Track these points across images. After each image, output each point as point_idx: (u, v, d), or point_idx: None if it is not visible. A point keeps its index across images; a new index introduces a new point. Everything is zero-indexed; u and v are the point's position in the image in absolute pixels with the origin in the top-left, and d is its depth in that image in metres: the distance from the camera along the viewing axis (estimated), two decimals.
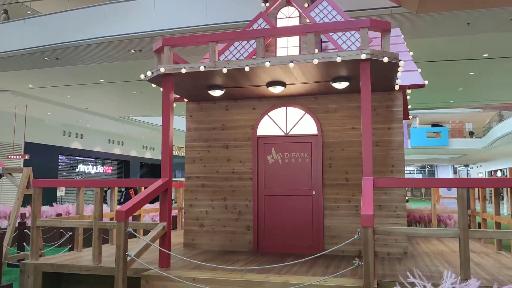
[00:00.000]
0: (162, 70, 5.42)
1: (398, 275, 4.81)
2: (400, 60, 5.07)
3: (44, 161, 21.31)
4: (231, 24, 10.60)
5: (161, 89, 5.83)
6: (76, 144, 24.55)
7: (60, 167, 24.30)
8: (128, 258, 4.58)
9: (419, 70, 6.55)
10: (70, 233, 7.79)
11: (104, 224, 5.68)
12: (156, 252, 5.54)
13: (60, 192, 22.88)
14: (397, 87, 6.18)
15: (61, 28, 12.49)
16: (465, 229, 4.45)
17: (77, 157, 25.75)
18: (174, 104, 5.98)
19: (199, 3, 10.96)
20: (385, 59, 4.88)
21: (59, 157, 23.99)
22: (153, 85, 6.09)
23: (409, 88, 6.39)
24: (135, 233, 4.79)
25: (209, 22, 10.88)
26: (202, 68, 5.29)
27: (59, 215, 10.90)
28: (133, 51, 12.41)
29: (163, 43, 5.55)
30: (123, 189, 17.84)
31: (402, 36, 7.53)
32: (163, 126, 5.57)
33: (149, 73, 5.67)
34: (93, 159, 27.11)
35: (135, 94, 17.37)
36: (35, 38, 12.68)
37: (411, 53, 6.98)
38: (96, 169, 27.52)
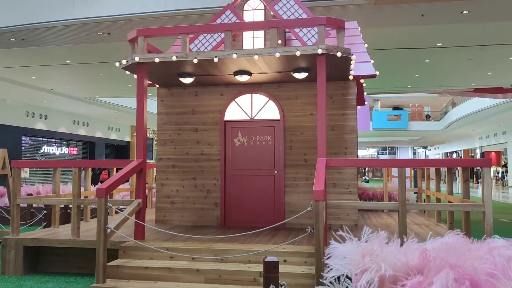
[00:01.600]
0: (137, 59, 5.85)
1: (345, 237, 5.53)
2: (352, 55, 5.71)
3: (7, 142, 21.02)
4: (200, 10, 10.90)
5: (135, 76, 6.26)
6: (40, 125, 24.26)
7: (23, 148, 24.01)
8: (108, 231, 5.09)
9: (372, 61, 7.22)
10: (45, 211, 8.16)
11: (82, 202, 6.13)
12: (131, 228, 6.06)
13: (24, 173, 22.71)
14: (351, 77, 6.85)
15: (28, 9, 12.40)
16: (403, 203, 5.21)
17: (41, 138, 25.46)
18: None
19: None
20: (339, 54, 5.52)
21: (23, 138, 23.70)
22: (127, 72, 6.48)
23: (362, 78, 7.08)
24: (117, 209, 5.28)
25: (178, 8, 11.14)
26: (174, 58, 5.77)
27: (29, 195, 11.12)
28: (101, 33, 12.52)
29: (138, 33, 5.96)
30: (97, 170, 18.16)
31: (359, 28, 8.17)
32: (137, 111, 6.03)
33: (123, 62, 6.08)
34: (57, 140, 26.85)
35: (102, 75, 17.41)
36: (0, 18, 12.57)
37: (366, 45, 7.65)
38: (61, 150, 27.31)
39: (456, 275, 2.84)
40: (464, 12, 9.94)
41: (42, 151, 25.71)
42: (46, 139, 25.89)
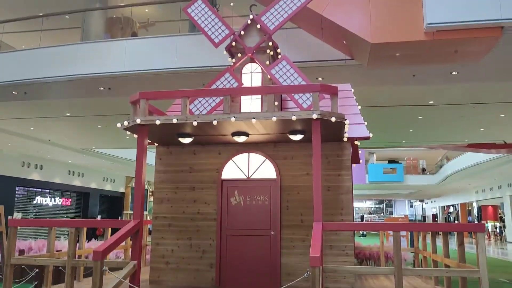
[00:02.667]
0: (138, 121, 6.01)
1: None
2: (346, 119, 5.90)
3: (0, 192, 20.94)
4: (198, 68, 11.28)
5: (135, 136, 6.40)
6: (35, 175, 24.18)
7: (16, 199, 23.81)
8: None
9: (365, 123, 7.42)
10: (37, 270, 8.01)
11: (77, 263, 6.06)
12: None
13: None
14: (345, 139, 7.01)
15: (32, 64, 12.75)
16: (399, 267, 5.19)
17: (34, 189, 25.29)
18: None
19: (169, 48, 11.57)
20: (333, 119, 5.70)
21: (16, 189, 23.55)
22: (128, 133, 6.62)
23: (356, 140, 7.25)
24: (110, 272, 5.23)
25: (178, 66, 11.51)
26: (174, 121, 5.94)
27: (21, 251, 10.94)
28: (102, 88, 12.84)
29: (140, 96, 6.17)
30: None
31: (352, 90, 8.45)
32: (136, 171, 6.11)
33: (125, 123, 6.24)
34: (51, 191, 26.64)
35: (100, 127, 17.63)
36: (5, 72, 12.88)
37: (359, 107, 7.89)
38: (54, 201, 27.03)
39: None
40: (453, 73, 10.34)
41: (35, 202, 25.43)
42: (39, 190, 25.70)
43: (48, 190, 26.29)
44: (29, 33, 15.32)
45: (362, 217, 51.62)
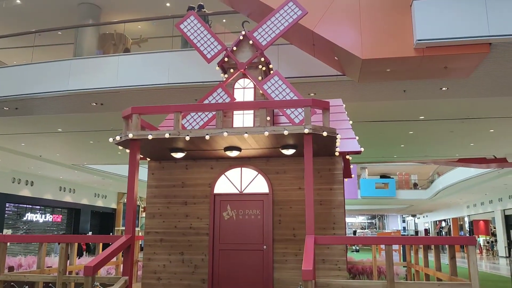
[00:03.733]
0: (131, 136, 6.03)
1: None
2: (337, 134, 5.96)
3: None
4: (191, 84, 11.33)
5: (127, 150, 6.40)
6: (25, 192, 23.93)
7: (6, 215, 23.50)
8: None
9: (357, 138, 7.49)
10: (26, 286, 7.90)
11: (68, 279, 5.99)
12: None
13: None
14: (337, 153, 7.07)
15: (24, 80, 12.72)
16: (392, 281, 5.20)
17: (25, 205, 24.99)
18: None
19: (161, 64, 11.61)
20: (325, 133, 5.77)
21: (6, 205, 23.27)
22: (120, 148, 6.62)
23: (347, 154, 7.31)
24: (101, 287, 5.18)
25: (170, 82, 11.56)
26: (167, 136, 5.96)
27: (11, 268, 10.77)
28: (94, 104, 12.83)
29: (132, 111, 6.19)
30: None
31: (343, 105, 8.55)
32: (128, 186, 6.11)
33: (117, 138, 6.25)
34: (42, 207, 26.34)
35: (92, 143, 17.57)
36: None
37: (351, 122, 7.98)
38: (45, 217, 26.71)
39: None
40: (443, 88, 10.50)
41: (25, 218, 25.11)
42: (30, 206, 25.41)
43: (38, 207, 25.99)
44: (21, 49, 15.34)
45: (354, 232, 51.55)
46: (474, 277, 5.22)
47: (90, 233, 28.98)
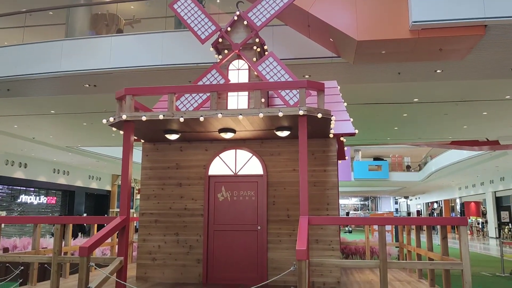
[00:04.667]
0: (124, 117, 5.99)
1: None
2: (332, 116, 5.96)
3: None
4: (185, 65, 11.25)
5: (121, 132, 6.37)
6: (18, 174, 23.85)
7: (0, 197, 23.48)
8: None
9: (351, 119, 7.50)
10: (22, 267, 7.93)
11: (63, 259, 6.02)
12: (111, 285, 5.95)
13: None
14: (331, 135, 7.09)
15: (15, 61, 12.56)
16: (384, 260, 5.28)
17: (19, 187, 24.94)
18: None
19: (154, 45, 11.49)
20: (319, 115, 5.76)
21: (0, 187, 23.21)
22: (114, 129, 6.59)
23: (342, 136, 7.32)
24: (96, 267, 5.22)
25: (164, 63, 11.46)
26: (161, 117, 5.93)
27: (5, 249, 10.81)
28: (87, 85, 12.71)
29: (125, 92, 6.14)
30: None
31: (338, 87, 8.53)
32: (122, 168, 6.09)
33: (111, 119, 6.21)
34: (36, 189, 26.31)
35: (85, 125, 17.46)
36: None
37: (345, 104, 7.97)
38: (39, 199, 26.70)
39: None
40: (438, 71, 10.49)
41: (19, 200, 25.09)
42: (24, 188, 25.36)
43: (32, 189, 25.95)
44: (11, 29, 15.09)
45: (347, 214, 52.04)
46: (465, 257, 5.30)
47: (84, 215, 29.03)
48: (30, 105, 14.58)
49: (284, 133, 6.64)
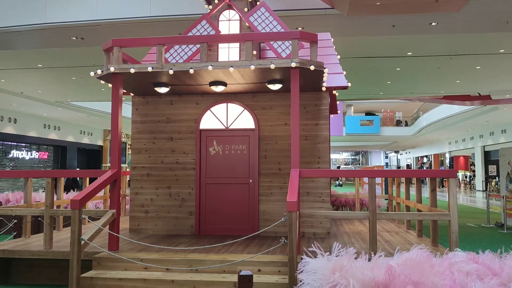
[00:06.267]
0: (112, 69, 5.85)
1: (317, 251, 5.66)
2: (324, 68, 5.86)
3: None
4: (174, 17, 10.90)
5: (110, 85, 6.25)
6: (9, 129, 23.62)
7: None
8: (82, 242, 5.06)
9: (344, 72, 7.41)
10: (15, 220, 8.00)
11: (55, 212, 6.06)
12: (104, 237, 6.03)
13: None
14: (324, 88, 7.01)
15: None
16: (374, 212, 5.38)
17: (10, 143, 24.78)
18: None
19: None
20: (312, 67, 5.66)
21: None
22: (102, 82, 6.46)
23: (334, 89, 7.25)
24: (89, 220, 5.26)
25: (153, 14, 11.10)
26: (149, 69, 5.80)
27: None
28: (74, 38, 12.36)
29: (113, 43, 5.96)
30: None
31: (332, 39, 8.36)
32: (112, 121, 6.02)
33: (98, 72, 6.06)
34: (27, 145, 26.20)
35: (75, 79, 17.15)
36: None
37: (338, 56, 7.84)
38: (31, 155, 26.65)
39: None
40: (433, 23, 10.30)
41: (10, 155, 25.02)
42: (15, 144, 25.23)
43: (24, 144, 25.82)
44: None
45: (338, 168, 52.79)
46: (453, 208, 5.41)
47: (77, 169, 29.11)
48: (16, 59, 14.23)
49: (276, 86, 6.55)
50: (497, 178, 30.29)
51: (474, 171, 36.05)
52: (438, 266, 3.37)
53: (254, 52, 7.05)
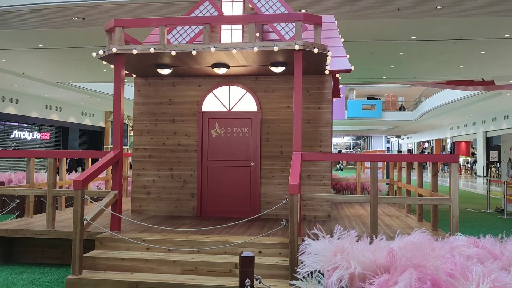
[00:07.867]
0: (114, 50, 5.80)
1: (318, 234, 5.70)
2: (328, 51, 5.81)
3: None
4: None
5: (112, 66, 6.21)
6: (10, 109, 23.60)
7: None
8: (85, 222, 5.10)
9: (348, 56, 7.35)
10: (18, 200, 8.06)
11: (58, 192, 6.09)
12: (106, 218, 6.08)
13: None
14: (327, 72, 6.96)
15: None
16: (375, 196, 5.39)
17: (11, 123, 24.80)
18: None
19: None
20: (315, 50, 5.61)
21: None
22: (104, 63, 6.41)
23: (338, 73, 7.20)
24: (92, 201, 5.29)
25: None
26: (152, 50, 5.75)
27: (1, 183, 10.91)
28: (75, 18, 12.25)
29: (115, 24, 5.90)
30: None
31: (336, 22, 8.27)
32: (114, 102, 6.00)
33: (101, 52, 6.02)
34: (29, 125, 26.22)
35: (76, 60, 17.06)
36: None
37: (342, 39, 7.77)
38: (33, 135, 26.69)
39: (419, 274, 3.02)
40: (438, 7, 10.17)
41: (12, 136, 25.06)
42: (17, 124, 25.24)
43: (25, 124, 25.84)
44: None
45: (340, 152, 52.83)
46: (454, 192, 5.42)
47: (79, 150, 29.20)
48: (17, 39, 14.12)
49: (279, 69, 6.51)
50: (498, 164, 30.33)
51: (475, 155, 36.05)
52: (439, 250, 3.40)
53: (257, 34, 6.98)
